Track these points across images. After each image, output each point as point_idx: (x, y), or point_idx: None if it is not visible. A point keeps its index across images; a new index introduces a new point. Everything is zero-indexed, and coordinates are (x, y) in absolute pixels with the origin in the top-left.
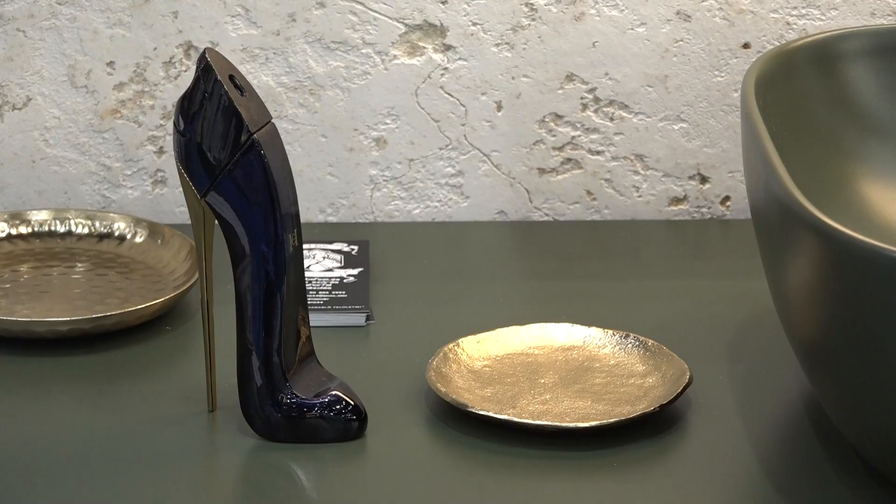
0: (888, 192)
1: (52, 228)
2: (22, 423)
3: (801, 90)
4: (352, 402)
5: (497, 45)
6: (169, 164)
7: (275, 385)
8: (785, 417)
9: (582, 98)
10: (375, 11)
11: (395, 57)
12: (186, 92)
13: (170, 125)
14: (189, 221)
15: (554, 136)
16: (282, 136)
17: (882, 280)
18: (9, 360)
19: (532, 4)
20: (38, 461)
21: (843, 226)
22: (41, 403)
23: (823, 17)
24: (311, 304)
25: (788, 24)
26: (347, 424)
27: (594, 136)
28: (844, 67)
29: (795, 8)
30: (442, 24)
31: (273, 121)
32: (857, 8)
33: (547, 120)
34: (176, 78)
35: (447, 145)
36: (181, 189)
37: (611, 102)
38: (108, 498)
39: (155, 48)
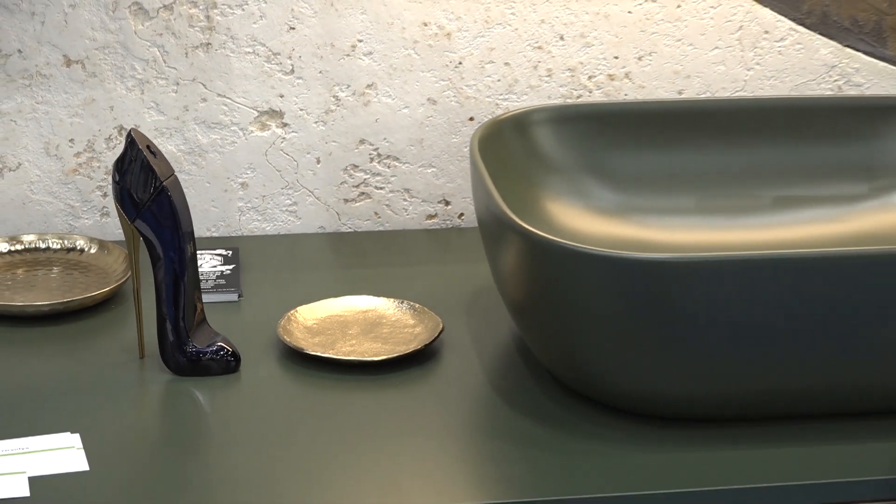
0: (562, 208)
1: (37, 245)
2: (20, 369)
3: (507, 145)
4: (231, 349)
5: (316, 122)
6: (110, 203)
7: (181, 340)
8: (503, 350)
9: (370, 154)
10: (238, 103)
11: (252, 131)
12: (119, 157)
13: (110, 178)
14: (124, 239)
15: (353, 178)
16: (181, 183)
17: (560, 262)
18: (11, 330)
19: (337, 97)
20: (30, 394)
21: (535, 229)
22: (33, 356)
23: (518, 100)
24: (203, 288)
25: (497, 104)
26: (228, 364)
27: (378, 178)
28: (533, 130)
29: (501, 94)
30: (280, 110)
31: (175, 174)
32: (539, 94)
33: (348, 169)
34: (113, 148)
35: (286, 186)
36: (118, 218)
37: (388, 156)
38: (76, 414)
39: (99, 129)
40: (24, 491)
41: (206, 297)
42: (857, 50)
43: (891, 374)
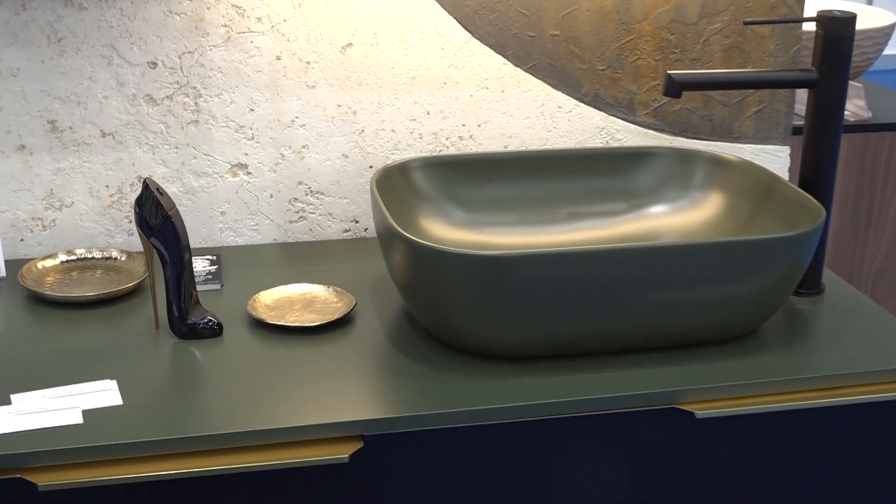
0: (432, 223)
1: (85, 256)
2: (75, 338)
3: (395, 183)
4: (217, 321)
5: (269, 171)
6: (133, 227)
7: (183, 316)
8: (396, 317)
9: (305, 191)
10: (218, 159)
11: (227, 177)
12: (138, 196)
13: (132, 211)
14: (143, 251)
15: (295, 207)
16: (180, 213)
17: (431, 258)
18: (68, 312)
19: (283, 154)
20: (82, 354)
21: (414, 237)
22: (83, 330)
23: (402, 154)
24: (197, 281)
25: (388, 157)
26: (215, 331)
27: (311, 206)
28: (411, 173)
29: (390, 150)
30: (246, 163)
31: (176, 207)
32: (415, 150)
33: (291, 201)
34: (135, 191)
35: (251, 213)
36: (139, 237)
37: (317, 192)
38: (113, 367)
39: (125, 179)
40: (79, 419)
41: (199, 287)
42: (617, 117)
43: (647, 323)
